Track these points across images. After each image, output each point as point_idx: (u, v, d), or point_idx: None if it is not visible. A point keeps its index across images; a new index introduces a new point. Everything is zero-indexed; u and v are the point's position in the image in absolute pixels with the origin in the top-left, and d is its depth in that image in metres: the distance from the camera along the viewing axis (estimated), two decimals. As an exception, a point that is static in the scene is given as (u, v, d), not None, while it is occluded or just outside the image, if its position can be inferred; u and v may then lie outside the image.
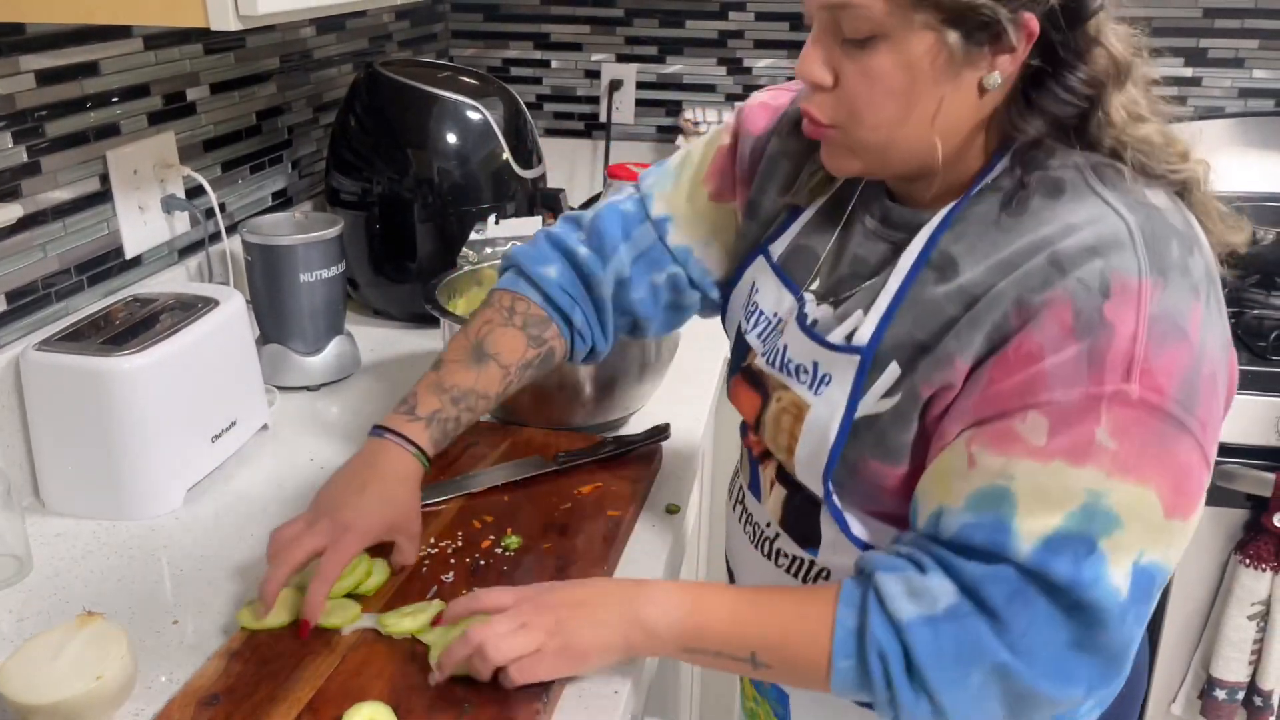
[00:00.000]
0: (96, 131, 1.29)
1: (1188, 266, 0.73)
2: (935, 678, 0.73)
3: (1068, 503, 0.71)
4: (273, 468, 1.26)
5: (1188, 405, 0.71)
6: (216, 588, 1.02)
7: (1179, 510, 0.72)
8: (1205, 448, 0.73)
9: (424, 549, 1.05)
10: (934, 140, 0.78)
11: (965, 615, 0.73)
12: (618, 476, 1.18)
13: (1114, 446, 0.70)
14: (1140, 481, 0.70)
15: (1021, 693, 0.73)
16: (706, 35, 2.26)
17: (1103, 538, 0.70)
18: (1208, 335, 0.72)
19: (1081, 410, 0.70)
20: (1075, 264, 0.72)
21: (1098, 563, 0.70)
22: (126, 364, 1.10)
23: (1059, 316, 0.71)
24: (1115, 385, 0.69)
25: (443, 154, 1.60)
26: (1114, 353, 0.70)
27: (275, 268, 1.41)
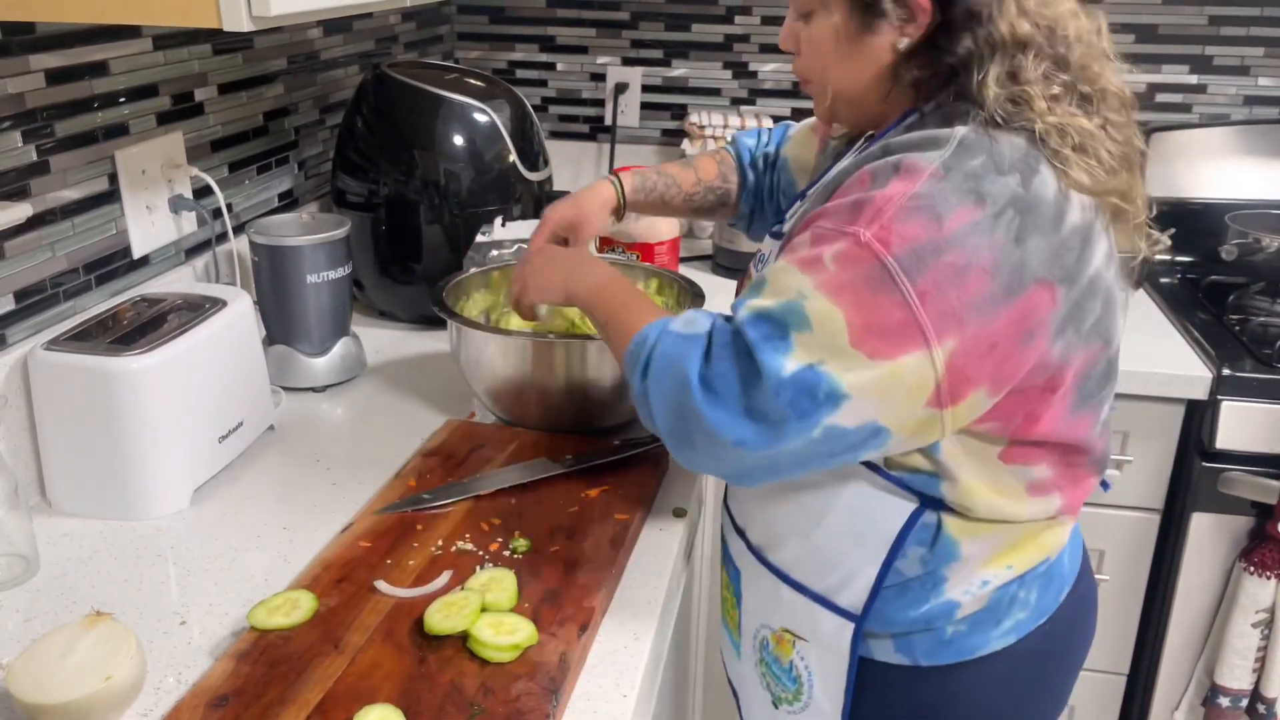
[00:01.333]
0: (105, 131, 1.29)
1: (981, 177, 0.84)
2: (653, 370, 0.91)
3: (782, 295, 0.86)
4: (279, 469, 1.26)
5: (908, 269, 0.81)
6: (224, 588, 1.02)
7: (864, 344, 0.82)
8: (918, 315, 0.82)
9: (433, 549, 1.05)
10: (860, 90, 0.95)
11: (695, 340, 0.89)
12: (625, 480, 1.18)
13: (832, 270, 0.84)
14: (835, 302, 0.83)
15: (691, 410, 0.88)
16: (712, 39, 2.26)
17: (794, 330, 0.84)
18: (971, 236, 0.82)
19: (828, 237, 0.85)
20: (895, 150, 0.88)
21: (783, 346, 0.84)
22: (134, 364, 1.10)
23: (861, 177, 0.88)
24: (855, 228, 0.83)
25: (449, 156, 1.60)
26: (870, 207, 0.84)
27: (282, 269, 1.41)
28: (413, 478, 1.18)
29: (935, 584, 0.97)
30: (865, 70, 0.94)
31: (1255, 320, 1.83)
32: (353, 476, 1.23)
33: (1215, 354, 1.67)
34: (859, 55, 0.93)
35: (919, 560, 0.97)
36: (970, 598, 0.98)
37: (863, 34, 0.92)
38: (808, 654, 1.04)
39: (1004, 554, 0.98)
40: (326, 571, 1.01)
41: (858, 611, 0.99)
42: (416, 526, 1.09)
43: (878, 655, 1.01)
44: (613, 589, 1.02)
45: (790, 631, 1.05)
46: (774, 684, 1.09)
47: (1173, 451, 1.71)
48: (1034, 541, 0.99)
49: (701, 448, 0.89)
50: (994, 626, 0.99)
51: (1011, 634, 1.00)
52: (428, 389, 1.46)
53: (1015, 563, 0.98)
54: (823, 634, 1.02)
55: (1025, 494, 0.96)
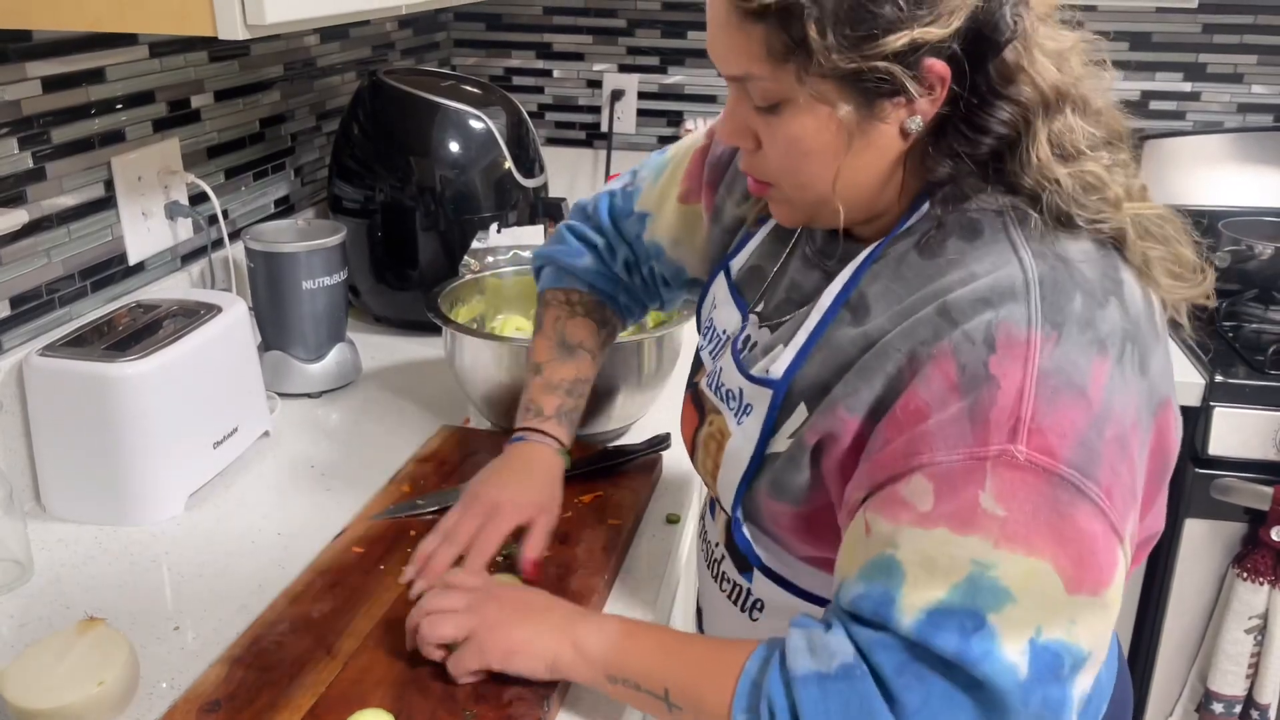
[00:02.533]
0: (101, 138, 1.29)
1: (1092, 320, 0.68)
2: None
3: (953, 574, 0.65)
4: (274, 475, 1.26)
5: (1085, 469, 0.65)
6: (218, 594, 1.02)
7: (1084, 585, 0.65)
8: (1111, 516, 0.66)
9: (425, 557, 1.05)
10: (868, 190, 0.76)
11: (858, 677, 0.68)
12: (618, 486, 1.19)
13: (1002, 513, 0.64)
14: (1031, 552, 0.64)
15: None
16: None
17: (991, 612, 0.64)
18: (1115, 395, 0.67)
19: (965, 473, 0.65)
20: (964, 315, 0.68)
21: (987, 638, 0.64)
22: (129, 370, 1.11)
23: (944, 371, 0.67)
24: (1000, 445, 0.65)
25: (445, 162, 1.60)
26: (999, 410, 0.65)
27: (277, 275, 1.41)
28: (407, 483, 1.19)
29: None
30: (870, 166, 0.74)
31: (1248, 327, 1.83)
32: (347, 482, 1.23)
33: (1208, 361, 1.67)
34: (863, 149, 0.73)
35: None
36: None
37: (869, 122, 0.72)
38: None
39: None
40: (320, 577, 1.01)
41: None
42: (410, 532, 1.09)
43: None
44: (606, 595, 1.02)
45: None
46: None
47: (1166, 458, 1.71)
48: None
49: None
50: None
51: None
52: (423, 395, 1.47)
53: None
54: None
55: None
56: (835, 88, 0.70)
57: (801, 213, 0.81)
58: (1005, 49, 0.70)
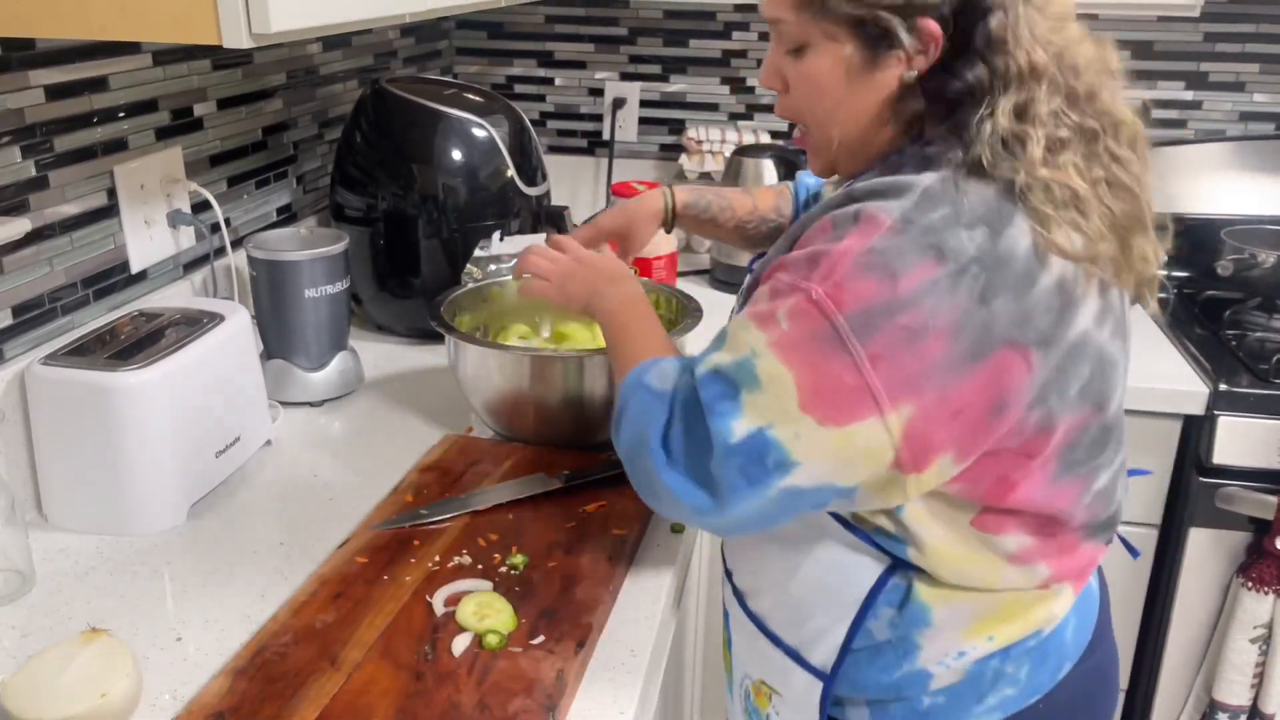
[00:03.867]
0: (104, 146, 1.29)
1: (942, 231, 0.78)
2: (623, 420, 0.90)
3: (737, 351, 0.82)
4: (276, 484, 1.25)
5: (859, 331, 0.77)
6: (220, 604, 1.02)
7: (814, 409, 0.79)
8: (869, 380, 0.77)
9: (430, 565, 1.04)
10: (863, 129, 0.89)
11: (659, 398, 0.88)
12: (622, 495, 1.18)
13: (785, 327, 0.80)
14: (784, 362, 0.79)
15: (648, 469, 0.87)
16: (710, 54, 2.27)
17: (745, 390, 0.81)
18: (928, 296, 0.77)
19: (783, 292, 0.81)
20: (859, 196, 0.83)
21: (733, 407, 0.81)
22: (132, 379, 1.10)
23: (821, 226, 0.83)
24: (809, 283, 0.79)
25: (448, 170, 1.60)
26: (825, 261, 0.80)
27: (280, 283, 1.41)
28: (410, 493, 1.18)
29: (907, 650, 0.92)
30: (870, 107, 0.87)
31: (1252, 336, 1.83)
32: (349, 491, 1.23)
33: (1212, 369, 1.67)
34: (865, 91, 0.86)
35: (889, 623, 0.92)
36: (945, 669, 0.92)
37: (870, 68, 0.85)
38: (781, 709, 1.00)
39: (983, 624, 0.91)
40: (323, 587, 1.01)
41: (827, 671, 0.94)
42: (414, 542, 1.09)
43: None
44: (610, 606, 1.02)
45: (766, 684, 1.02)
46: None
47: (1170, 467, 1.71)
48: (1021, 613, 0.92)
49: (666, 505, 0.88)
50: (976, 702, 0.93)
51: (996, 711, 0.93)
52: (425, 403, 1.46)
53: (997, 634, 0.92)
54: (794, 690, 0.98)
55: (1004, 562, 0.90)
56: (845, 32, 0.85)
57: (823, 158, 0.94)
58: (990, 19, 0.81)
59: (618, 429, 0.92)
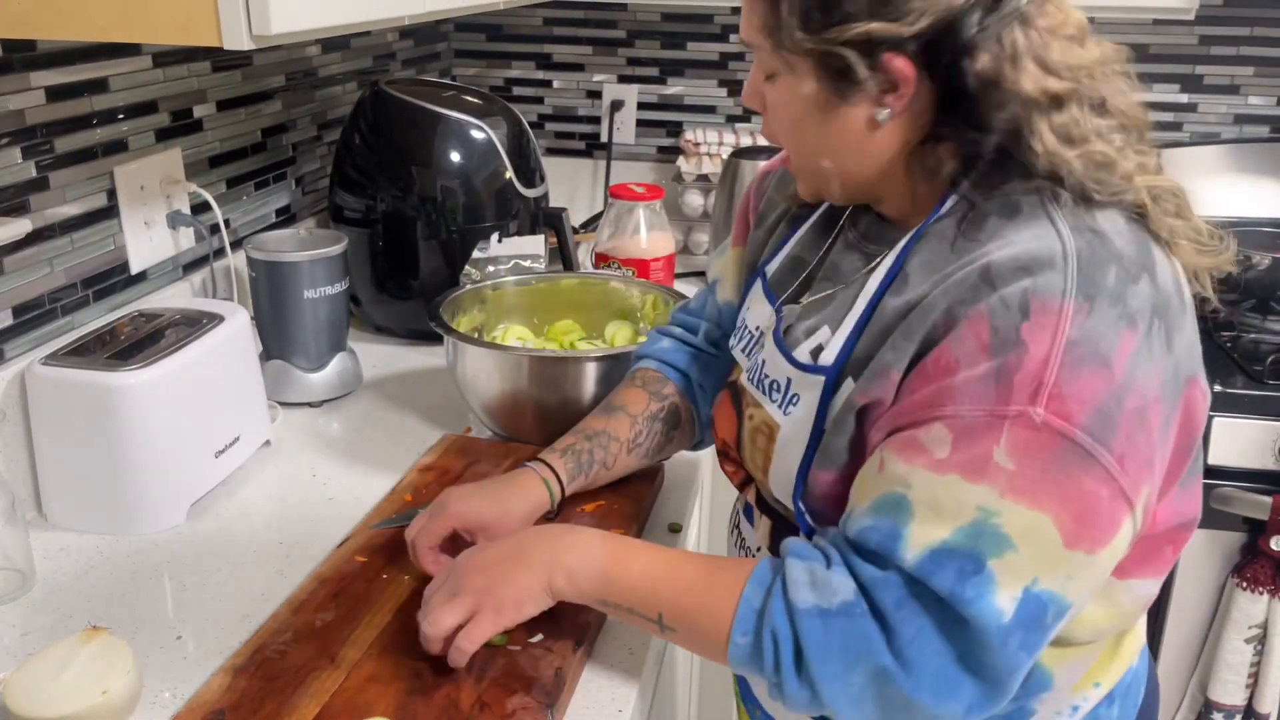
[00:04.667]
0: (104, 148, 1.30)
1: (1124, 294, 0.71)
2: (819, 670, 0.73)
3: (959, 518, 0.70)
4: (276, 484, 1.26)
5: (1100, 436, 0.69)
6: (220, 603, 1.02)
7: (1082, 542, 0.70)
8: (1121, 482, 0.70)
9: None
10: (863, 174, 0.83)
11: (858, 614, 0.73)
12: (620, 495, 1.18)
13: (1011, 467, 0.69)
14: (1035, 506, 0.69)
15: (899, 700, 0.72)
16: (707, 57, 2.28)
17: (992, 558, 0.69)
18: (1139, 368, 0.70)
19: (984, 427, 0.70)
20: (1003, 280, 0.71)
21: (984, 582, 0.69)
22: (132, 379, 1.11)
23: (977, 331, 0.71)
24: (1020, 406, 0.69)
25: (446, 172, 1.61)
26: (1024, 373, 0.69)
27: (279, 284, 1.42)
28: (409, 492, 1.19)
29: (1022, 718, 0.84)
30: (854, 144, 0.81)
31: (1246, 337, 1.84)
32: (348, 491, 1.23)
33: (1207, 371, 1.67)
34: (837, 128, 0.80)
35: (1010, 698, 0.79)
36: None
37: (838, 103, 0.79)
38: None
39: (1093, 672, 0.85)
40: (323, 586, 1.01)
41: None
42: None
43: None
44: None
45: None
46: None
47: (1165, 467, 1.71)
48: (1117, 651, 0.87)
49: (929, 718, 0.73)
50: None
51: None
52: (424, 404, 1.47)
53: (1104, 679, 0.86)
54: None
55: (1135, 608, 0.83)
56: (805, 65, 0.79)
57: (807, 183, 0.89)
58: (978, 55, 0.74)
59: (800, 679, 0.74)
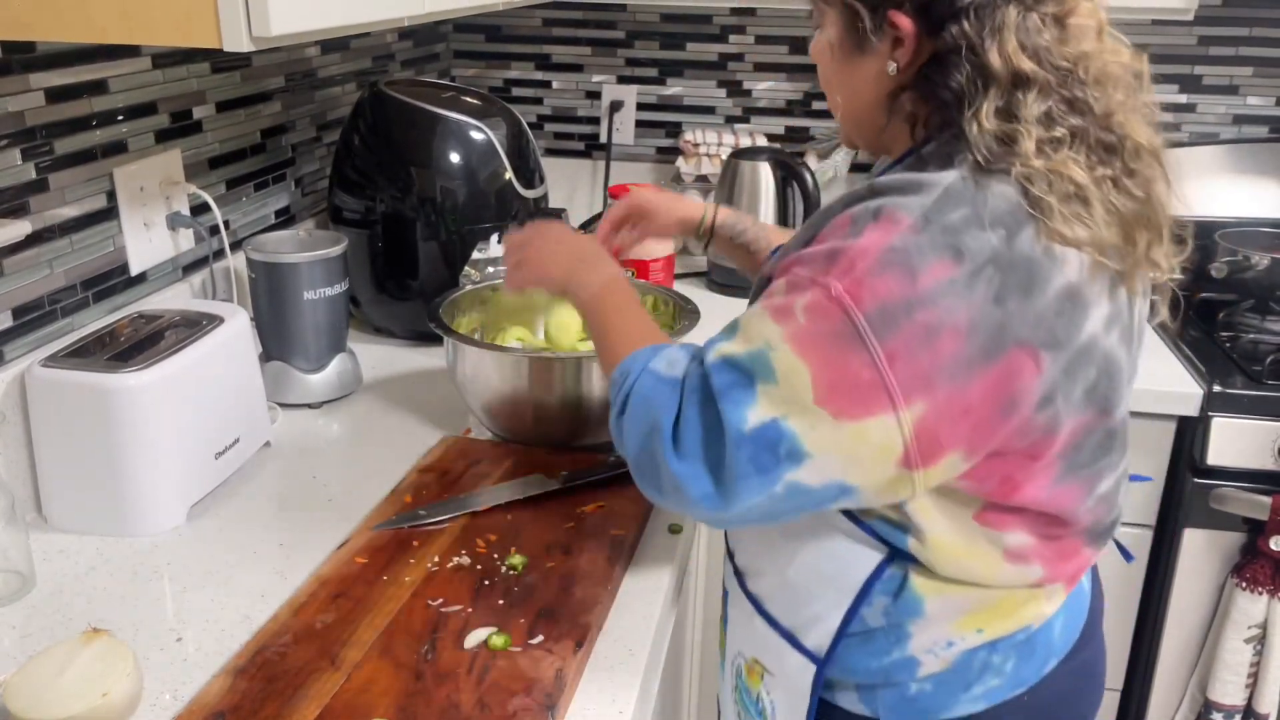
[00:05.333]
0: (104, 149, 1.30)
1: (961, 232, 0.79)
2: (630, 410, 0.89)
3: (751, 342, 0.83)
4: (276, 485, 1.26)
5: (877, 328, 0.78)
6: (220, 604, 1.02)
7: (829, 404, 0.80)
8: (885, 378, 0.78)
9: (429, 565, 1.05)
10: (867, 120, 0.93)
11: (670, 385, 0.87)
12: (620, 496, 1.19)
13: (802, 321, 0.81)
14: (802, 357, 0.80)
15: (656, 457, 0.86)
16: (707, 58, 2.28)
17: (760, 380, 0.81)
18: (946, 296, 0.78)
19: (801, 285, 0.82)
20: (879, 192, 0.84)
21: (747, 396, 0.81)
22: (131, 381, 1.11)
23: (840, 222, 0.84)
24: (828, 279, 0.80)
25: (445, 173, 1.60)
26: (844, 258, 0.80)
27: (278, 285, 1.42)
28: (409, 494, 1.19)
29: (899, 638, 0.93)
30: (863, 93, 0.92)
31: (1245, 337, 1.84)
32: (349, 493, 1.23)
33: (1206, 371, 1.68)
34: (854, 76, 0.91)
35: (882, 610, 0.93)
36: (933, 657, 0.93)
37: (856, 55, 0.90)
38: (773, 688, 1.01)
39: (974, 617, 0.93)
40: (323, 588, 1.01)
41: (821, 655, 0.96)
42: (413, 543, 1.09)
43: (841, 703, 0.98)
44: (609, 605, 1.02)
45: (760, 663, 1.03)
46: (743, 713, 1.07)
47: (1164, 468, 1.72)
48: (1011, 609, 0.94)
49: (669, 496, 0.87)
50: (962, 690, 0.95)
51: (981, 700, 0.95)
52: (424, 405, 1.47)
53: (986, 628, 0.93)
54: (788, 671, 0.99)
55: (1001, 559, 0.91)
56: (834, 14, 0.91)
57: (843, 130, 0.99)
58: (962, 22, 0.82)
59: (622, 416, 0.90)
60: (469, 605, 0.99)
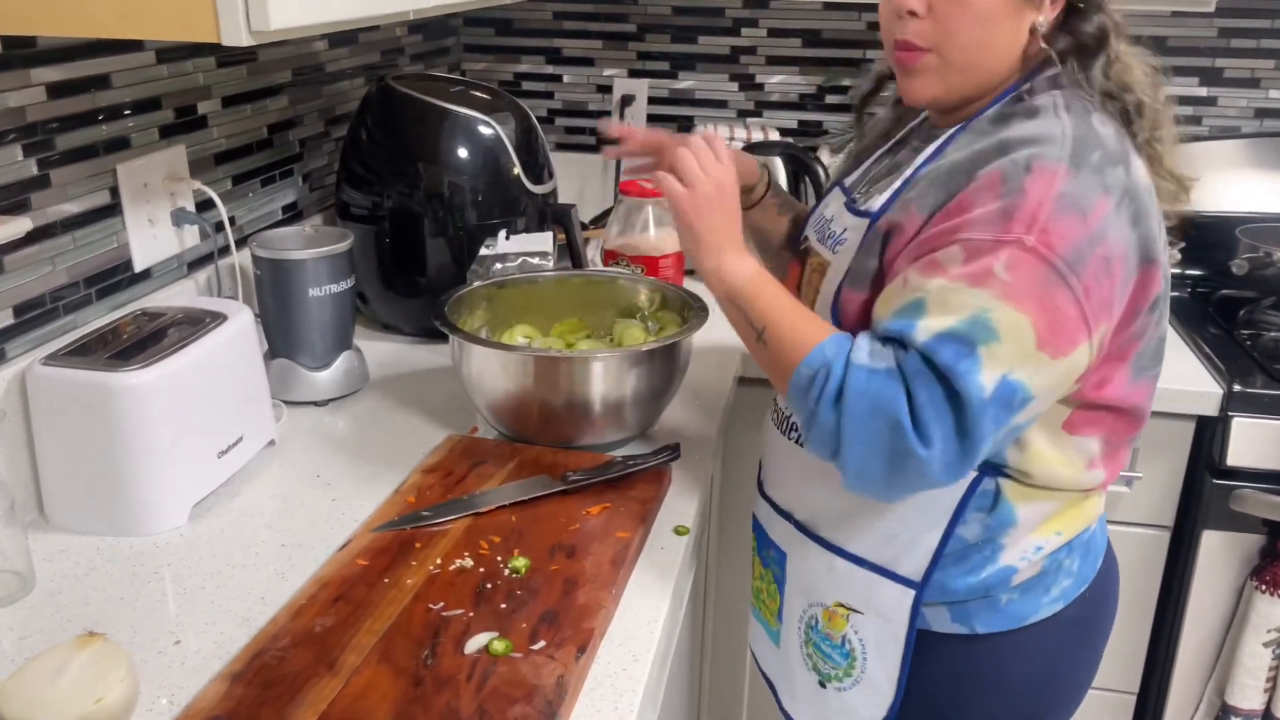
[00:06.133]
0: (107, 145, 1.28)
1: (1104, 170, 0.91)
2: (850, 407, 0.91)
3: (961, 311, 0.88)
4: (279, 484, 1.25)
5: (1073, 266, 0.88)
6: (220, 607, 1.01)
7: (1048, 346, 0.89)
8: (1085, 308, 0.89)
9: (431, 568, 1.03)
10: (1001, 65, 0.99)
11: (892, 379, 0.90)
12: (626, 497, 1.17)
13: (1006, 278, 0.88)
14: (1019, 309, 0.88)
15: (901, 448, 0.89)
16: (719, 51, 2.25)
17: (982, 344, 0.88)
18: (1110, 228, 0.90)
19: (988, 248, 0.89)
20: (1014, 148, 0.92)
21: (974, 363, 0.87)
22: (133, 379, 1.10)
23: (991, 181, 0.91)
24: (1017, 234, 0.88)
25: (454, 168, 1.59)
26: (1023, 211, 0.89)
27: (284, 282, 1.40)
28: (412, 494, 1.17)
29: (994, 551, 1.02)
30: (1010, 44, 0.98)
31: (1267, 335, 1.81)
32: (352, 492, 1.22)
33: (1226, 370, 1.65)
34: (1011, 28, 0.97)
35: (980, 525, 1.01)
36: (1026, 563, 1.03)
37: (1023, 7, 0.97)
38: (862, 626, 1.08)
39: (1053, 520, 1.03)
40: (323, 590, 1.00)
41: (918, 578, 1.04)
42: (415, 544, 1.08)
43: (934, 625, 1.05)
44: (612, 610, 1.00)
45: (844, 605, 1.08)
46: (822, 662, 1.13)
47: (1183, 468, 1.69)
48: (1078, 510, 1.05)
49: (900, 484, 0.93)
50: (1044, 594, 1.05)
51: (1059, 601, 1.06)
52: (431, 403, 1.46)
53: (1064, 529, 1.04)
54: (881, 604, 1.06)
55: (1082, 462, 1.02)
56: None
57: (944, 82, 1.00)
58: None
59: (836, 413, 0.92)
60: (470, 609, 0.97)
